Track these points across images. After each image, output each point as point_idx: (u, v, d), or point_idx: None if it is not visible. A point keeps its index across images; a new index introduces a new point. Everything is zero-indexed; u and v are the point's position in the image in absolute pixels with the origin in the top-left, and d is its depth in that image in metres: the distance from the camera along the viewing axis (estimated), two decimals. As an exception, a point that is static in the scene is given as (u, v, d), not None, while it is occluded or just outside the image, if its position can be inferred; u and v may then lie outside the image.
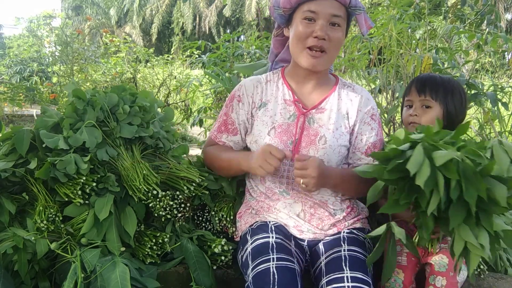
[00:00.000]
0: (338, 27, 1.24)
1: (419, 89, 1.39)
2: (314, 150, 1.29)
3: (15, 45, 10.62)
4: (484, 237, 0.96)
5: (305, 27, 1.23)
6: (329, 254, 1.20)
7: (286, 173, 1.33)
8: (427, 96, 1.37)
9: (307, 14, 1.23)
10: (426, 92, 1.37)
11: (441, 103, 1.37)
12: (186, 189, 1.37)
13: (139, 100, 1.44)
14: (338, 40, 1.25)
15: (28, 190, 1.31)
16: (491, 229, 0.96)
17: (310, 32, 1.23)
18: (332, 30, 1.23)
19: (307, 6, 1.23)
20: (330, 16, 1.22)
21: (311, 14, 1.22)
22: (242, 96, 1.39)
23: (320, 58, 1.25)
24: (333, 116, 1.32)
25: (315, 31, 1.22)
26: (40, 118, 1.34)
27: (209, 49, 3.55)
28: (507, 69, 8.60)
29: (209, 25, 23.91)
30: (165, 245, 1.33)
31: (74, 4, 25.64)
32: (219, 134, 1.43)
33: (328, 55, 1.26)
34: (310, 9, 1.22)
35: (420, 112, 1.38)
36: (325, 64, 1.28)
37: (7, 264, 1.18)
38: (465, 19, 2.24)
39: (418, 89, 1.39)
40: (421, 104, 1.39)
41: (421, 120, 1.37)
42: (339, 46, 1.27)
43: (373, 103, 1.37)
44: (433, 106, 1.37)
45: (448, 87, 1.38)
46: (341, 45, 1.27)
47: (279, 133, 1.31)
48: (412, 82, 1.43)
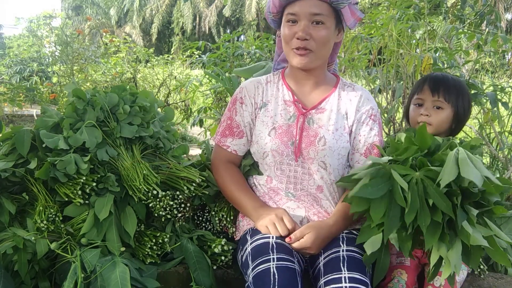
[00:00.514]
0: (322, 24, 1.24)
1: (432, 89, 1.36)
2: (314, 151, 1.29)
3: (15, 45, 10.61)
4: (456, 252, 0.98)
5: (288, 29, 1.26)
6: (327, 255, 1.20)
7: (292, 173, 1.32)
8: (440, 97, 1.35)
9: (289, 17, 1.25)
10: (439, 92, 1.35)
11: (452, 105, 1.36)
12: (186, 189, 1.37)
13: (139, 100, 1.44)
14: (322, 38, 1.24)
15: (28, 190, 1.31)
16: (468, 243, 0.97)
17: (293, 34, 1.25)
18: (315, 29, 1.23)
19: (290, 9, 1.25)
20: (311, 15, 1.22)
21: (293, 17, 1.24)
22: (244, 98, 1.38)
23: (306, 57, 1.26)
24: (333, 116, 1.32)
25: (297, 32, 1.23)
26: (40, 118, 1.34)
27: (209, 49, 3.55)
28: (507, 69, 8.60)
29: (209, 25, 23.92)
30: (165, 245, 1.33)
31: (74, 4, 25.65)
32: (223, 139, 1.41)
33: (315, 53, 1.26)
34: (291, 12, 1.24)
35: (431, 112, 1.36)
36: (314, 62, 1.28)
37: (7, 264, 1.18)
38: (464, 19, 2.24)
39: (432, 88, 1.36)
40: (433, 104, 1.36)
41: (432, 121, 1.35)
42: (325, 43, 1.26)
43: (373, 103, 1.36)
44: (445, 107, 1.36)
45: (460, 89, 1.37)
46: (327, 41, 1.27)
47: (280, 134, 1.31)
48: (424, 81, 1.40)
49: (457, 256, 0.97)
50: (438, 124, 1.36)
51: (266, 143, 1.32)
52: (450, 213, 0.95)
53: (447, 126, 1.38)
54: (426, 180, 1.00)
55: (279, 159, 1.32)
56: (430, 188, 0.98)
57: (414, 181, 1.00)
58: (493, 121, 2.09)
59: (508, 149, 2.26)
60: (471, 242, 0.95)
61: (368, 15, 2.33)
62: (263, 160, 1.35)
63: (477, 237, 0.95)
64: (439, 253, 1.00)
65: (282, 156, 1.31)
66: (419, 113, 1.38)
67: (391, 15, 2.07)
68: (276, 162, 1.32)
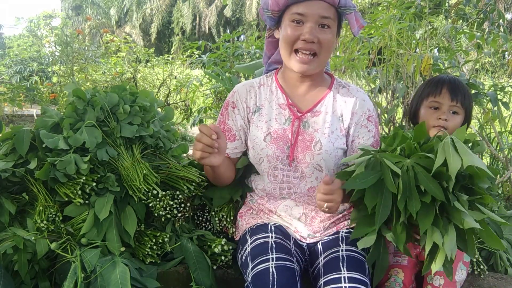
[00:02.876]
0: (328, 28, 1.20)
1: (452, 94, 1.36)
2: (310, 156, 1.27)
3: (15, 45, 10.61)
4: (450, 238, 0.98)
5: (293, 30, 1.20)
6: (327, 254, 1.20)
7: (285, 178, 1.32)
8: (458, 102, 1.35)
9: (295, 17, 1.19)
10: (458, 98, 1.35)
11: (465, 110, 1.37)
12: (186, 189, 1.37)
13: (139, 100, 1.44)
14: (328, 42, 1.21)
15: (28, 190, 1.31)
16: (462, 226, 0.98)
17: (298, 35, 1.19)
18: (322, 32, 1.19)
19: (295, 8, 1.19)
20: (319, 17, 1.18)
21: (299, 17, 1.19)
22: (236, 102, 1.36)
23: (311, 63, 1.22)
24: (328, 119, 1.29)
25: (303, 34, 1.18)
26: (40, 118, 1.34)
27: (209, 49, 3.55)
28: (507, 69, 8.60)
29: (209, 25, 23.91)
30: (165, 245, 1.33)
31: (74, 4, 25.65)
32: None
33: (319, 58, 1.23)
34: (298, 12, 1.18)
35: (449, 117, 1.36)
36: (317, 68, 1.25)
37: (7, 264, 1.18)
38: (467, 18, 2.23)
39: (451, 93, 1.36)
40: (450, 109, 1.36)
41: (449, 125, 1.35)
42: (330, 48, 1.23)
43: (369, 104, 1.33)
44: (460, 113, 1.37)
45: (468, 93, 1.39)
46: (332, 46, 1.24)
47: (275, 138, 1.29)
48: (442, 84, 1.38)
49: (452, 242, 0.98)
50: (453, 129, 1.35)
51: (262, 149, 1.30)
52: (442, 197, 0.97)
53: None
54: (416, 167, 1.01)
55: (274, 164, 1.31)
56: (421, 175, 1.00)
57: (405, 168, 1.02)
58: (493, 121, 2.09)
59: (508, 149, 2.27)
60: (465, 226, 0.96)
61: (368, 15, 2.33)
62: (259, 165, 1.34)
63: (469, 221, 0.96)
64: (433, 239, 1.00)
65: (277, 161, 1.30)
66: (435, 117, 1.37)
67: (391, 15, 2.07)
68: (270, 167, 1.32)
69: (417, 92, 1.47)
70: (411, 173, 1.01)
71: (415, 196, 0.99)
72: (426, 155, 1.02)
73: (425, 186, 0.99)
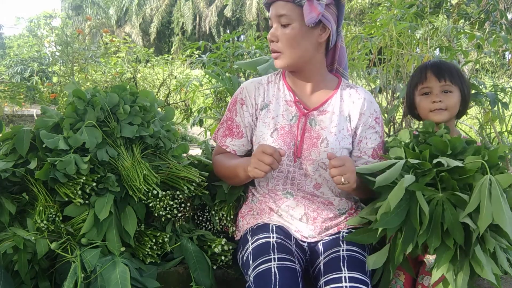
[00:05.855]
0: (289, 25, 1.24)
1: (437, 74, 1.35)
2: (316, 153, 1.28)
3: (15, 45, 10.62)
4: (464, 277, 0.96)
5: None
6: (328, 254, 1.20)
7: (291, 174, 1.32)
8: (447, 81, 1.34)
9: (269, 21, 1.31)
10: (445, 77, 1.34)
11: (459, 87, 1.36)
12: (186, 189, 1.37)
13: (139, 100, 1.44)
14: (288, 38, 1.24)
15: (28, 190, 1.31)
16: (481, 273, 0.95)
17: None
18: (281, 30, 1.25)
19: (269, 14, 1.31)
20: (277, 17, 1.25)
21: (270, 21, 1.30)
22: (245, 99, 1.38)
23: (278, 59, 1.29)
24: (335, 118, 1.31)
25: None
26: (40, 118, 1.34)
27: (209, 49, 3.55)
28: (507, 69, 8.60)
29: (209, 25, 23.92)
30: (165, 245, 1.33)
31: (74, 4, 25.66)
32: (223, 139, 1.41)
33: (285, 54, 1.27)
34: (268, 16, 1.31)
35: (442, 97, 1.35)
36: (285, 62, 1.28)
37: (7, 264, 1.18)
38: (469, 17, 2.23)
39: (436, 74, 1.35)
40: (441, 89, 1.35)
41: (446, 105, 1.35)
42: (291, 43, 1.25)
43: (376, 106, 1.36)
44: (453, 90, 1.35)
45: (458, 71, 1.38)
46: (294, 41, 1.25)
47: (282, 135, 1.31)
48: (424, 69, 1.38)
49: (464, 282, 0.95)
50: (451, 108, 1.35)
51: (268, 144, 1.31)
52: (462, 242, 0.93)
53: (458, 108, 1.38)
54: (446, 203, 0.97)
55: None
56: (448, 213, 0.96)
57: (435, 202, 0.98)
58: (493, 121, 2.09)
59: (508, 149, 2.26)
60: (483, 275, 0.93)
61: (368, 15, 2.33)
62: None
63: (488, 271, 0.92)
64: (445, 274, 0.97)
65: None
66: (429, 102, 1.36)
67: (391, 15, 2.07)
68: None
69: (407, 86, 1.47)
70: (440, 209, 0.97)
71: (436, 233, 0.96)
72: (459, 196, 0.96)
73: (449, 226, 0.95)
